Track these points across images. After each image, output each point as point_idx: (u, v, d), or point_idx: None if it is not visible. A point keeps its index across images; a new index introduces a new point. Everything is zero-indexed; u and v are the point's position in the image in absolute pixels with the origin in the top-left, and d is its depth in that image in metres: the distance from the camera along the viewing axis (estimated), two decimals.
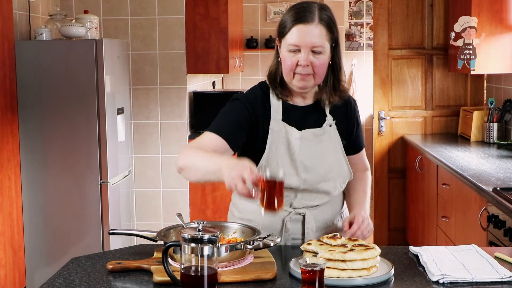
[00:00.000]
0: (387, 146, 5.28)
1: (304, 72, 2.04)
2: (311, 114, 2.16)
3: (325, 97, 2.13)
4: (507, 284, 1.73)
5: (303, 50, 2.01)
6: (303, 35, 2.00)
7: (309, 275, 1.60)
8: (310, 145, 2.13)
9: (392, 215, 5.27)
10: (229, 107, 2.15)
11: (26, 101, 4.13)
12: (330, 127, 2.17)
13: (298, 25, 2.01)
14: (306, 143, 2.13)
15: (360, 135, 2.31)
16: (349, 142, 2.25)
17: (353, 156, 2.29)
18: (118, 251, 2.06)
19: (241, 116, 2.11)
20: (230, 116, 2.12)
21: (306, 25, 2.01)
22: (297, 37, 2.01)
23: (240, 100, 2.14)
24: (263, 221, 2.15)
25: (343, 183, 2.23)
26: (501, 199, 2.85)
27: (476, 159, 3.94)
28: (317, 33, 2.01)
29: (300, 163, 2.11)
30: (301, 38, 2.01)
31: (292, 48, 2.03)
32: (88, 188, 4.14)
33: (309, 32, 2.00)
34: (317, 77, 2.06)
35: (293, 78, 2.07)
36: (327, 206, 2.22)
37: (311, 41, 2.00)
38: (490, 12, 4.43)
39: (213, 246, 1.62)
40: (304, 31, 2.00)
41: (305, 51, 2.01)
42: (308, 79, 2.06)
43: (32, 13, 4.48)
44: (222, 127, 2.09)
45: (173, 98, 5.03)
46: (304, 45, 2.01)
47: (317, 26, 2.01)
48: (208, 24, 5.05)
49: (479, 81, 5.20)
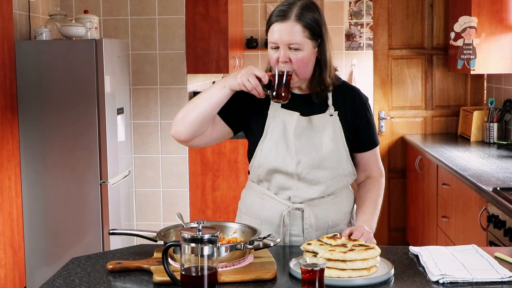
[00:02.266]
0: (387, 146, 5.28)
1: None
2: (312, 102, 2.20)
3: (313, 89, 2.19)
4: (507, 284, 1.73)
5: (281, 47, 2.09)
6: (278, 32, 2.09)
7: (309, 275, 1.60)
8: (307, 131, 2.16)
9: (392, 215, 5.27)
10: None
11: (26, 101, 4.13)
12: (331, 117, 2.18)
13: (275, 24, 2.10)
14: (302, 129, 2.16)
15: (371, 132, 2.26)
16: (357, 138, 2.23)
17: (364, 153, 2.26)
18: (118, 251, 2.06)
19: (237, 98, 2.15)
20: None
21: (281, 23, 2.09)
22: (274, 35, 2.10)
23: None
24: (264, 215, 2.20)
25: (343, 176, 2.20)
26: (501, 199, 2.85)
27: (476, 159, 3.94)
28: (292, 29, 2.08)
29: (293, 146, 2.14)
30: (277, 36, 2.09)
31: (272, 45, 2.12)
32: (88, 188, 4.14)
33: (284, 30, 2.08)
34: (298, 72, 2.12)
35: None
36: (329, 203, 2.21)
37: (286, 38, 2.08)
38: (490, 12, 4.43)
39: (213, 246, 1.62)
40: (279, 29, 2.09)
41: (283, 47, 2.09)
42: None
43: (32, 13, 4.48)
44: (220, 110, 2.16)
45: (173, 98, 5.03)
46: (281, 42, 2.09)
47: (293, 24, 2.08)
48: (208, 24, 5.05)
49: (479, 81, 5.20)
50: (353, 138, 2.22)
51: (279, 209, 2.20)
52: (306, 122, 2.17)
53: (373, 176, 2.30)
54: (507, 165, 3.67)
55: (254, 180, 2.26)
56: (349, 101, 2.23)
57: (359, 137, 2.24)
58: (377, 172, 2.31)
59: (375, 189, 2.28)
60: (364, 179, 2.31)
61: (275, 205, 2.20)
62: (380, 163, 2.33)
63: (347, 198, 2.27)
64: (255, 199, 2.24)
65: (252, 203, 2.26)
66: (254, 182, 2.27)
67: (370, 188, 2.28)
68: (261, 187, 2.24)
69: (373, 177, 2.30)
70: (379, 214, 2.32)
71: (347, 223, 2.26)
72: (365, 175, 2.31)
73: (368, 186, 2.28)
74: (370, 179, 2.30)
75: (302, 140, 2.15)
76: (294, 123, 2.16)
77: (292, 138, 2.15)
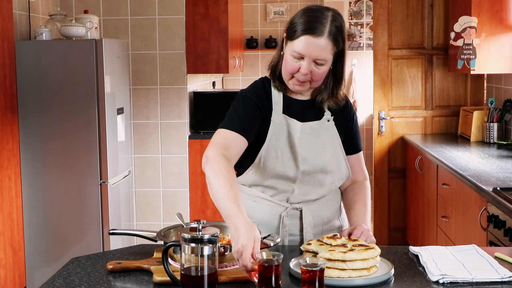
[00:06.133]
0: (387, 146, 5.28)
1: (302, 79, 2.08)
2: (311, 108, 2.20)
3: (322, 99, 2.17)
4: (507, 284, 1.73)
5: (306, 59, 2.04)
6: (309, 46, 2.02)
7: (309, 275, 1.60)
8: (310, 138, 2.16)
9: (392, 215, 5.27)
10: (240, 103, 2.17)
11: (26, 101, 4.13)
12: (328, 122, 2.20)
13: (307, 36, 2.02)
14: (306, 135, 2.16)
15: (357, 135, 2.31)
16: (346, 140, 2.26)
17: (350, 157, 2.29)
18: (118, 251, 2.07)
19: (254, 108, 2.14)
20: (243, 111, 2.14)
21: (315, 37, 2.02)
22: (303, 47, 2.03)
23: (247, 96, 2.17)
24: (261, 218, 2.19)
25: (340, 179, 2.24)
26: (501, 199, 2.85)
27: (476, 159, 3.94)
28: (324, 46, 2.03)
29: (299, 155, 2.14)
30: (307, 49, 2.02)
31: (296, 55, 2.05)
32: (88, 188, 4.14)
33: (316, 45, 2.02)
34: (314, 83, 2.11)
35: (290, 79, 2.11)
36: (323, 201, 2.23)
37: (316, 54, 2.03)
38: (490, 12, 4.42)
39: (213, 246, 1.62)
40: (311, 42, 2.02)
41: (308, 61, 2.04)
42: (304, 85, 2.11)
43: (32, 13, 4.48)
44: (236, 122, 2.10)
45: (173, 98, 5.03)
46: (309, 55, 2.03)
47: (325, 40, 2.02)
48: (208, 24, 5.05)
49: (479, 81, 5.20)
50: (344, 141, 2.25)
51: (277, 210, 2.20)
52: (308, 129, 2.17)
53: (358, 179, 2.33)
54: (507, 165, 3.67)
55: (246, 184, 2.24)
56: (341, 106, 2.24)
57: (347, 141, 2.27)
58: (362, 176, 2.34)
59: (363, 191, 2.30)
60: (350, 184, 2.33)
61: (272, 207, 2.21)
62: (364, 167, 2.36)
63: (336, 194, 2.31)
64: (248, 202, 2.22)
65: (246, 206, 2.23)
66: (244, 185, 2.25)
67: (358, 191, 2.30)
68: (254, 190, 2.23)
69: (359, 181, 2.33)
70: (379, 214, 2.33)
71: (337, 218, 2.30)
72: (351, 178, 2.32)
73: (355, 190, 2.31)
74: (356, 183, 2.33)
75: (306, 147, 2.16)
76: (298, 132, 2.15)
77: (296, 147, 2.14)
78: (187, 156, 5.06)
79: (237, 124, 2.09)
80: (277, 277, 1.64)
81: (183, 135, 5.06)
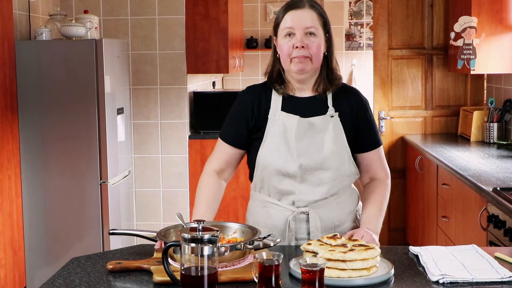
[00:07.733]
0: (387, 146, 5.28)
1: (300, 54, 2.13)
2: (312, 104, 2.20)
3: (321, 87, 2.21)
4: (507, 284, 1.73)
5: (297, 32, 2.13)
6: (294, 17, 2.14)
7: (309, 275, 1.60)
8: (309, 133, 2.16)
9: (392, 215, 5.27)
10: (232, 107, 2.30)
11: (26, 101, 4.13)
12: (332, 118, 2.19)
13: (290, 11, 2.16)
14: (304, 130, 2.16)
15: (371, 133, 2.25)
16: (358, 139, 2.23)
17: (365, 154, 2.25)
18: (118, 251, 2.07)
19: (240, 114, 2.24)
20: (231, 120, 2.28)
21: (298, 10, 2.15)
22: (290, 21, 2.15)
23: (239, 95, 2.29)
24: (270, 223, 2.22)
25: (346, 177, 2.21)
26: (501, 199, 2.85)
27: (476, 159, 3.94)
28: (308, 15, 2.14)
29: (295, 149, 2.14)
30: (294, 21, 2.14)
31: (287, 31, 2.14)
32: (88, 188, 4.14)
33: (301, 15, 2.14)
34: (314, 60, 2.15)
35: (291, 63, 2.16)
36: (334, 204, 2.21)
37: (304, 23, 2.13)
38: (490, 12, 4.42)
39: (213, 246, 1.62)
40: (296, 14, 2.15)
41: (299, 32, 2.13)
42: (305, 61, 2.14)
43: (32, 13, 4.48)
44: (226, 132, 2.28)
45: (173, 98, 5.03)
46: (298, 26, 2.13)
47: (308, 10, 2.15)
48: (208, 24, 5.05)
49: (479, 81, 5.20)
50: (354, 139, 2.22)
51: (284, 215, 2.20)
52: (307, 124, 2.17)
53: (377, 177, 2.28)
54: (507, 165, 3.67)
55: (256, 189, 2.26)
56: (349, 102, 2.23)
57: (359, 138, 2.23)
58: (382, 173, 2.29)
59: (379, 189, 2.26)
60: (369, 181, 2.29)
61: (279, 211, 2.21)
62: (384, 164, 2.30)
63: (350, 196, 2.27)
64: (259, 208, 2.25)
65: (258, 212, 2.26)
66: (255, 191, 2.27)
67: (373, 189, 2.26)
68: (263, 194, 2.24)
69: (377, 179, 2.28)
70: None
71: (352, 221, 2.26)
72: (369, 176, 2.29)
73: (372, 187, 2.27)
74: (374, 180, 2.29)
75: (303, 142, 2.15)
76: (295, 125, 2.16)
77: (293, 140, 2.15)
78: (187, 156, 5.06)
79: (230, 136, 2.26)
80: (277, 277, 1.64)
81: (183, 135, 5.06)
